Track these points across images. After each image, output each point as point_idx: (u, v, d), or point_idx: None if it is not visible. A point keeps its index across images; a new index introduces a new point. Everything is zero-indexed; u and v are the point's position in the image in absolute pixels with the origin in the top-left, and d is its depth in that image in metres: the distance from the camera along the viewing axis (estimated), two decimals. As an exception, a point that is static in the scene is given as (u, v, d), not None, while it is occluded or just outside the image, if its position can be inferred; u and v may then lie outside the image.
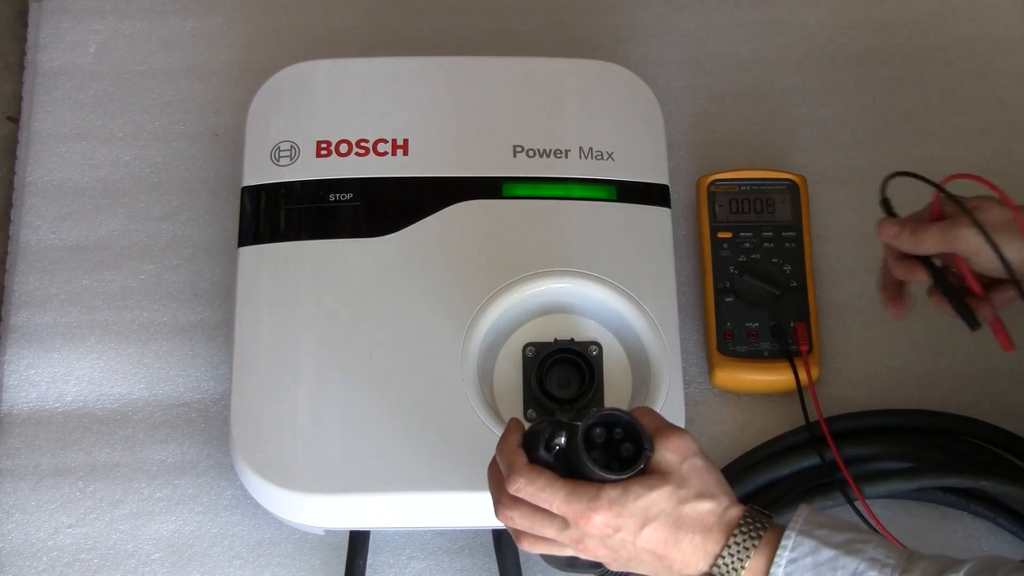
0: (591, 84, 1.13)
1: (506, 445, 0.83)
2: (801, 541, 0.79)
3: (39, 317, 1.14)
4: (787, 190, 1.16)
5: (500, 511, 0.83)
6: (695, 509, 0.80)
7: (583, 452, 0.79)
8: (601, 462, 0.79)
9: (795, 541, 0.79)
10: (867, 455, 1.06)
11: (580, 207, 1.08)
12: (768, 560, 0.79)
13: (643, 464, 0.80)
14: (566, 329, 1.04)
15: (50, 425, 1.11)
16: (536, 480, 0.80)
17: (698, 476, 0.80)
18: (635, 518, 0.79)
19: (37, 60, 1.25)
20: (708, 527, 0.80)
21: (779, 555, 0.79)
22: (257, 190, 1.08)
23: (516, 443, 0.82)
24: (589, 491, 0.79)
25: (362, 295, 1.04)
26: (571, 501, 0.79)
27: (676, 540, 0.80)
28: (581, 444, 0.79)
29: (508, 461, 0.81)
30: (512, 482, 0.80)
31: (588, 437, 0.80)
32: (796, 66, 1.26)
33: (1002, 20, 1.28)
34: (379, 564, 1.06)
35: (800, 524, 0.80)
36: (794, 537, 0.79)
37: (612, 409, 0.81)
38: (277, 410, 1.01)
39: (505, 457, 0.82)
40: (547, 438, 0.81)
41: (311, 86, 1.12)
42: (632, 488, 0.79)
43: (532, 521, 0.81)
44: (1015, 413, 1.11)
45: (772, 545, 0.79)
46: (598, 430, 0.80)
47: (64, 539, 1.07)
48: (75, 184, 1.20)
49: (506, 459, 0.82)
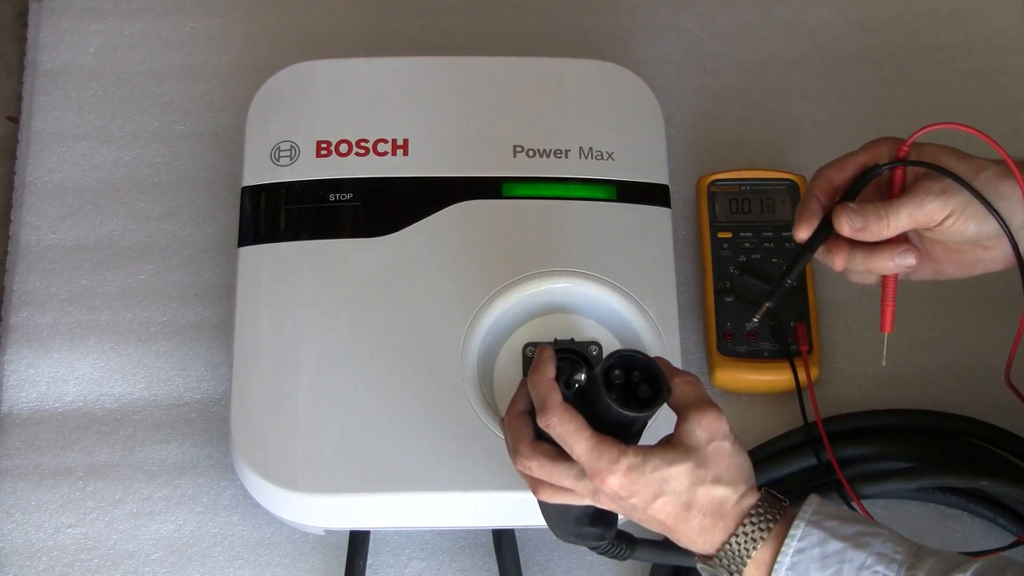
0: (591, 84, 1.13)
1: (541, 378, 0.82)
2: (810, 531, 0.79)
3: (39, 317, 1.14)
4: (787, 190, 1.16)
5: (518, 460, 0.83)
6: (710, 493, 0.80)
7: (602, 388, 0.79)
8: (619, 401, 0.79)
9: (803, 531, 0.79)
10: (867, 455, 1.06)
11: (580, 207, 1.08)
12: (775, 550, 0.79)
13: (661, 404, 0.80)
14: (566, 329, 1.04)
15: (50, 425, 1.11)
16: (568, 423, 0.80)
17: (721, 459, 0.80)
18: (649, 487, 0.79)
19: (37, 60, 1.25)
20: (720, 513, 0.80)
21: (786, 544, 0.79)
22: (257, 190, 1.08)
23: (551, 376, 0.82)
24: (612, 450, 0.79)
25: (362, 295, 1.04)
26: (592, 454, 0.79)
27: (686, 518, 0.80)
28: (601, 382, 0.79)
29: (543, 395, 0.81)
30: (544, 417, 0.80)
31: (608, 376, 0.80)
32: (796, 66, 1.26)
33: (1002, 20, 1.28)
34: (379, 564, 1.06)
35: (809, 514, 0.80)
36: (803, 527, 0.79)
37: (631, 351, 0.81)
38: (277, 410, 1.01)
39: (540, 390, 0.82)
40: (567, 376, 0.82)
41: (311, 86, 1.12)
42: (652, 458, 0.79)
43: (551, 471, 0.82)
44: (1015, 413, 1.10)
45: (781, 535, 0.79)
46: (616, 371, 0.80)
47: (64, 539, 1.07)
48: (75, 184, 1.20)
49: (541, 392, 0.81)
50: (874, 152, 0.89)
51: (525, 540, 1.06)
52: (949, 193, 0.85)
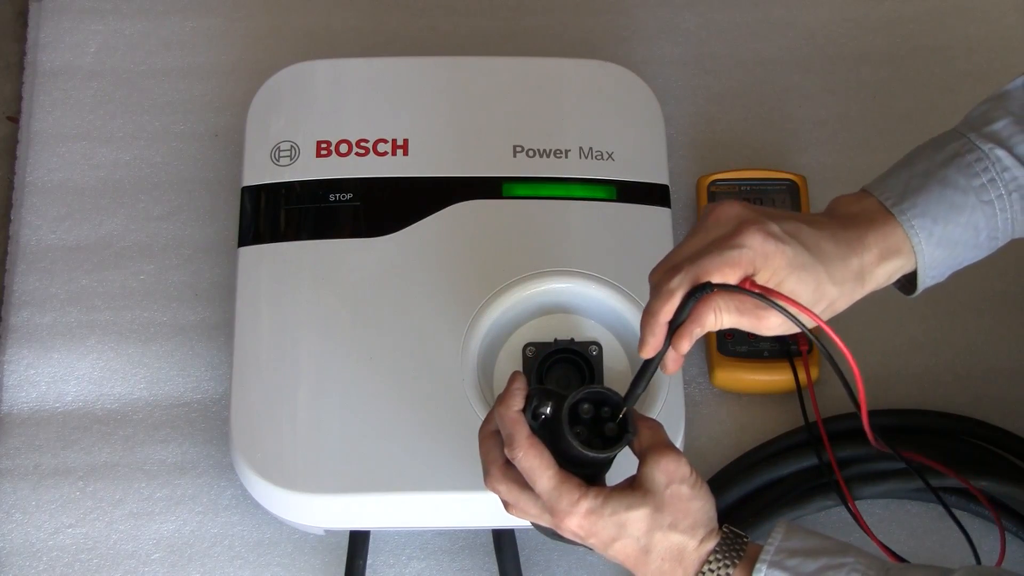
0: (591, 84, 1.13)
1: (507, 411, 0.82)
2: (772, 574, 0.78)
3: (39, 317, 1.14)
4: (787, 190, 1.16)
5: (489, 481, 0.84)
6: (667, 539, 0.80)
7: (566, 426, 0.79)
8: (583, 437, 0.80)
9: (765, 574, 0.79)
10: (867, 455, 1.06)
11: (580, 207, 1.08)
12: None
13: (623, 447, 0.80)
14: (566, 329, 1.04)
15: (50, 425, 1.11)
16: (532, 459, 0.80)
17: (679, 504, 0.80)
18: (607, 531, 0.80)
19: (37, 60, 1.25)
20: (679, 558, 0.80)
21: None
22: (257, 190, 1.08)
23: (519, 408, 0.82)
24: (572, 492, 0.80)
25: (362, 295, 1.04)
26: (553, 494, 0.80)
27: (645, 561, 0.81)
28: (565, 417, 0.80)
29: (509, 428, 0.82)
30: (511, 450, 0.81)
31: (574, 411, 0.80)
32: (796, 66, 1.26)
33: (1002, 20, 1.28)
34: (379, 564, 1.06)
35: (772, 553, 0.79)
36: (764, 571, 0.79)
37: (601, 387, 0.81)
38: (277, 410, 1.01)
39: (506, 423, 0.82)
40: (534, 406, 0.82)
41: (311, 86, 1.12)
42: (611, 502, 0.80)
43: (517, 498, 0.83)
44: (1015, 413, 1.11)
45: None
46: (585, 406, 0.81)
47: (64, 539, 1.07)
48: (75, 184, 1.20)
49: (507, 425, 0.82)
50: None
51: (525, 540, 1.06)
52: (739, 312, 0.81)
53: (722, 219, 0.80)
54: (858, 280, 0.83)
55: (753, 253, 0.78)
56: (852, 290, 0.83)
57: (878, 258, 0.83)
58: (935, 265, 0.85)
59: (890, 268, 0.84)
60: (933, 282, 0.87)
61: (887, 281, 0.85)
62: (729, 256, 0.78)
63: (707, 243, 0.80)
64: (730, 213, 0.81)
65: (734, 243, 0.78)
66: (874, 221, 0.84)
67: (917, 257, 0.84)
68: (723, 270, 0.78)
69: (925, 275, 0.85)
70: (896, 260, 0.84)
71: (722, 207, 0.81)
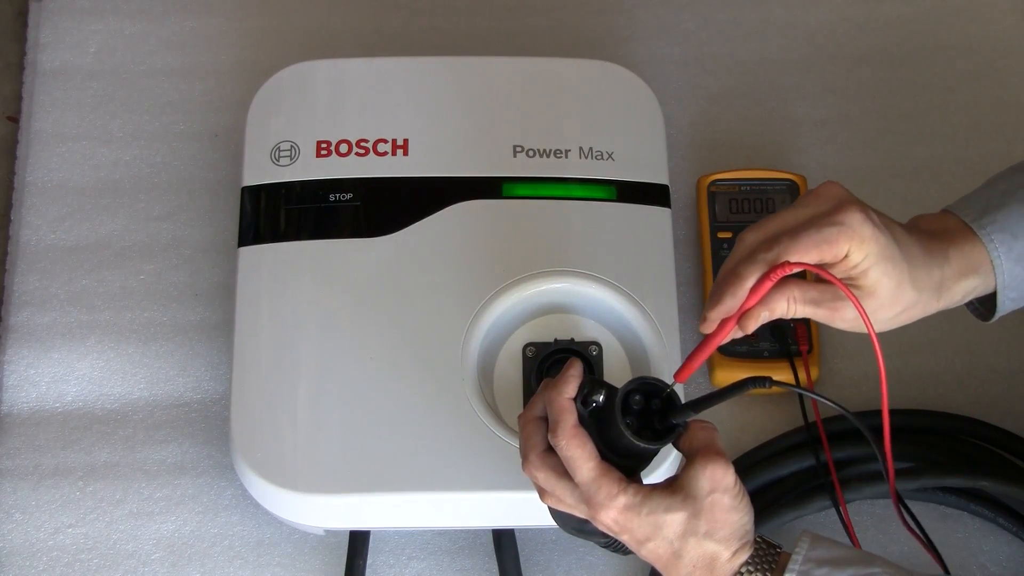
0: (591, 84, 1.13)
1: (558, 396, 0.82)
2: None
3: (39, 317, 1.14)
4: (787, 190, 1.16)
5: (527, 466, 0.83)
6: (700, 546, 0.79)
7: (619, 413, 0.79)
8: (633, 427, 0.79)
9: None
10: (867, 455, 1.06)
11: (580, 207, 1.08)
12: None
13: (673, 439, 0.80)
14: (566, 329, 1.04)
15: (50, 425, 1.11)
16: (575, 448, 0.80)
17: (718, 513, 0.79)
18: (642, 529, 0.79)
19: (37, 60, 1.25)
20: (710, 568, 0.80)
21: None
22: (257, 190, 1.08)
23: (571, 395, 0.82)
24: (611, 486, 0.79)
25: (362, 295, 1.04)
26: (593, 485, 0.79)
27: (676, 565, 0.80)
28: (619, 405, 0.79)
29: (557, 414, 0.81)
30: (555, 436, 0.80)
31: (626, 401, 0.80)
32: (796, 66, 1.26)
33: (1002, 20, 1.28)
34: (379, 564, 1.06)
35: (800, 563, 0.79)
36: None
37: (654, 379, 0.81)
38: (277, 410, 1.01)
39: (555, 408, 0.82)
40: (585, 394, 0.82)
41: (311, 86, 1.12)
42: (649, 501, 0.79)
43: (554, 486, 0.82)
44: (1015, 413, 1.11)
45: None
46: (637, 397, 0.80)
47: (64, 539, 1.07)
48: (75, 184, 1.20)
49: (555, 411, 0.81)
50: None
51: (525, 540, 1.06)
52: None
53: (824, 196, 0.80)
54: (936, 292, 0.83)
55: (852, 232, 0.78)
56: (929, 300, 0.83)
57: (958, 274, 0.83)
58: (1015, 284, 0.84)
59: (968, 286, 0.83)
60: (1013, 305, 0.86)
61: (964, 299, 0.85)
62: (828, 233, 0.78)
63: (808, 217, 0.79)
64: (832, 192, 0.80)
65: (834, 220, 0.78)
66: (955, 238, 0.84)
67: (996, 273, 0.84)
68: (821, 247, 0.78)
69: (1004, 295, 0.84)
70: (974, 278, 0.83)
71: (825, 186, 0.81)
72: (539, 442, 0.83)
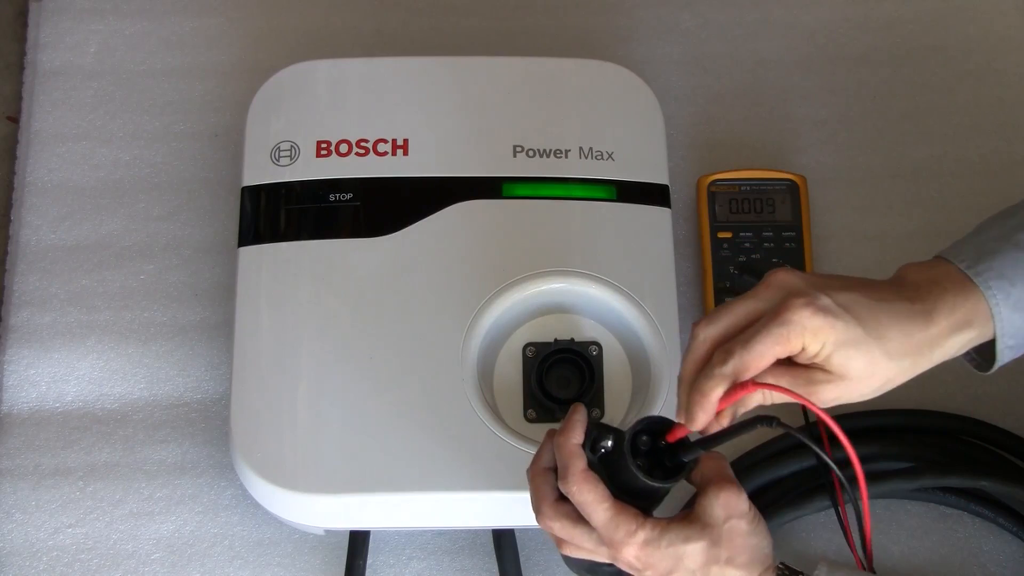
0: (591, 84, 1.13)
1: (565, 442, 0.82)
2: None
3: (39, 317, 1.14)
4: (787, 190, 1.16)
5: (541, 520, 0.83)
6: (722, 573, 0.79)
7: (628, 457, 0.79)
8: (644, 468, 0.79)
9: None
10: (866, 455, 1.06)
11: (580, 207, 1.08)
12: None
13: (685, 475, 0.80)
14: (566, 329, 1.04)
15: (50, 425, 1.11)
16: (587, 492, 0.80)
17: (736, 539, 0.79)
18: (664, 563, 0.79)
19: (37, 60, 1.25)
20: None
21: None
22: (257, 190, 1.08)
23: (578, 441, 0.82)
24: (629, 523, 0.79)
25: (362, 295, 1.04)
26: (610, 525, 0.79)
27: None
28: (627, 449, 0.79)
29: (566, 461, 0.81)
30: (565, 483, 0.80)
31: (634, 443, 0.80)
32: (796, 66, 1.26)
33: (1002, 20, 1.28)
34: (379, 564, 1.06)
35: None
36: None
37: (659, 418, 0.81)
38: (277, 410, 1.01)
39: (564, 455, 0.81)
40: (593, 439, 0.81)
41: (311, 86, 1.12)
42: (668, 533, 0.79)
43: (571, 533, 0.82)
44: (1015, 413, 1.11)
45: None
46: (644, 437, 0.80)
47: (64, 539, 1.07)
48: (75, 184, 1.20)
49: (564, 457, 0.81)
50: None
51: (525, 540, 1.06)
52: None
53: (773, 287, 0.79)
54: (921, 353, 0.81)
55: (801, 328, 0.77)
56: (914, 364, 0.81)
57: (950, 329, 0.81)
58: (1014, 332, 0.82)
59: (962, 339, 0.81)
60: (1013, 354, 0.84)
61: (960, 351, 0.83)
62: (777, 334, 0.77)
63: (757, 314, 0.79)
64: (780, 282, 0.80)
65: (782, 319, 0.77)
66: (947, 289, 0.81)
67: (995, 322, 0.81)
68: (774, 350, 0.77)
69: (1003, 343, 0.83)
70: (969, 331, 0.81)
71: (774, 274, 0.80)
72: (549, 492, 0.83)
